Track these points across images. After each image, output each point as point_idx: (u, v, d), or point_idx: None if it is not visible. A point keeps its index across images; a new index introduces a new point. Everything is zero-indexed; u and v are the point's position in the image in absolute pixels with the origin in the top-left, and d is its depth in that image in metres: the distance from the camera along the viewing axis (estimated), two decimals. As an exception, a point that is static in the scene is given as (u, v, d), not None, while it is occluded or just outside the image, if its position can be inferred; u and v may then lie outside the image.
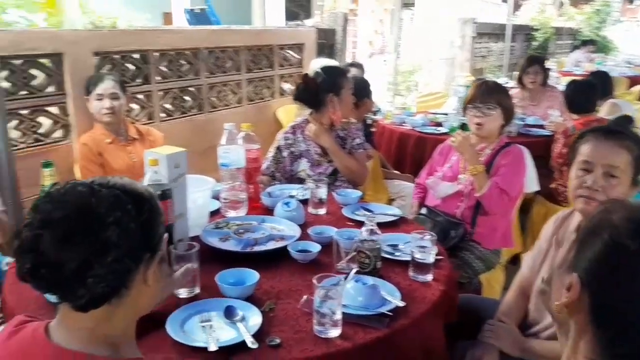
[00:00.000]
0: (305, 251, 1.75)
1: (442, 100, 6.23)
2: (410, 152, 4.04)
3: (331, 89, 2.70)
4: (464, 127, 2.72)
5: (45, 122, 2.88)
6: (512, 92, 5.06)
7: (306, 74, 2.80)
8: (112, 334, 0.90)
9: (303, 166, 2.76)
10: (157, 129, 3.26)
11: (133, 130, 2.94)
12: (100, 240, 0.81)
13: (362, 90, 3.61)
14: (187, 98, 3.74)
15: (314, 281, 1.34)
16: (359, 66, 5.01)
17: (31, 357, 0.88)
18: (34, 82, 2.78)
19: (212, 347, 1.23)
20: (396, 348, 1.37)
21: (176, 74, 3.62)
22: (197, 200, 1.88)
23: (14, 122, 2.69)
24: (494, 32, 10.34)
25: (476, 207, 2.54)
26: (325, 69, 2.79)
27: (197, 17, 6.60)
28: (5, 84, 2.62)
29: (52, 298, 0.93)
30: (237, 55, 4.14)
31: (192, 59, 3.73)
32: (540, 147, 3.70)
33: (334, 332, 1.33)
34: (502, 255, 2.65)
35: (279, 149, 2.77)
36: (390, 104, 5.92)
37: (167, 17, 13.94)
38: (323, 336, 1.33)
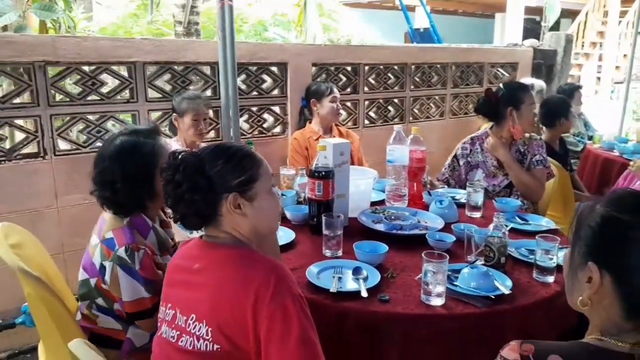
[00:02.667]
0: (441, 240, 1.97)
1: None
2: (614, 178, 3.83)
3: (511, 102, 2.80)
4: None
5: (269, 119, 3.55)
6: None
7: (489, 88, 2.95)
8: (231, 238, 1.36)
9: (478, 176, 2.89)
10: (359, 133, 3.72)
11: (336, 131, 3.44)
12: (179, 190, 1.32)
13: (560, 110, 3.59)
14: (390, 108, 4.15)
15: (423, 255, 1.58)
16: (575, 88, 4.84)
17: (189, 247, 1.40)
18: (264, 86, 3.46)
19: (333, 289, 1.57)
20: (491, 328, 1.53)
21: (383, 85, 4.04)
22: (360, 186, 2.24)
23: (245, 116, 3.39)
24: None
25: (653, 236, 2.41)
26: (507, 84, 2.91)
27: (421, 35, 7.03)
28: (242, 85, 3.34)
29: None
30: (444, 71, 4.41)
31: (399, 73, 4.12)
32: None
33: (437, 301, 1.56)
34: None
35: (455, 157, 2.96)
36: (607, 130, 5.51)
37: (407, 36, 14.70)
38: (426, 302, 1.56)
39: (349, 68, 3.84)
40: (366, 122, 4.02)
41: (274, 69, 3.48)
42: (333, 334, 1.50)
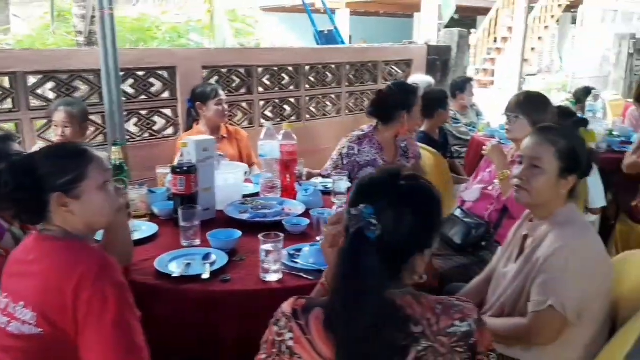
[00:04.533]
0: (297, 225, 2.12)
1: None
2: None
3: (403, 106, 2.92)
4: None
5: (160, 121, 3.62)
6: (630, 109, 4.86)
7: (380, 90, 3.07)
8: (63, 231, 1.44)
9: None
10: (254, 132, 3.84)
11: (224, 130, 3.54)
12: (5, 190, 1.40)
13: (438, 101, 3.86)
14: (286, 107, 4.30)
15: (260, 237, 1.72)
16: (466, 80, 5.14)
17: (28, 241, 1.48)
18: (152, 89, 3.53)
19: (176, 274, 1.69)
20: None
21: (277, 86, 4.19)
22: (229, 180, 2.37)
23: (134, 120, 3.46)
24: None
25: (503, 211, 2.66)
26: (398, 86, 3.06)
27: (326, 37, 7.26)
28: (130, 90, 3.40)
29: None
30: (338, 71, 4.61)
31: (293, 73, 4.28)
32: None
33: (274, 277, 1.71)
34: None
35: (341, 155, 2.99)
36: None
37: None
38: (263, 279, 1.71)
39: (242, 70, 3.96)
40: (262, 121, 4.15)
41: (163, 73, 3.55)
42: (173, 316, 1.62)
